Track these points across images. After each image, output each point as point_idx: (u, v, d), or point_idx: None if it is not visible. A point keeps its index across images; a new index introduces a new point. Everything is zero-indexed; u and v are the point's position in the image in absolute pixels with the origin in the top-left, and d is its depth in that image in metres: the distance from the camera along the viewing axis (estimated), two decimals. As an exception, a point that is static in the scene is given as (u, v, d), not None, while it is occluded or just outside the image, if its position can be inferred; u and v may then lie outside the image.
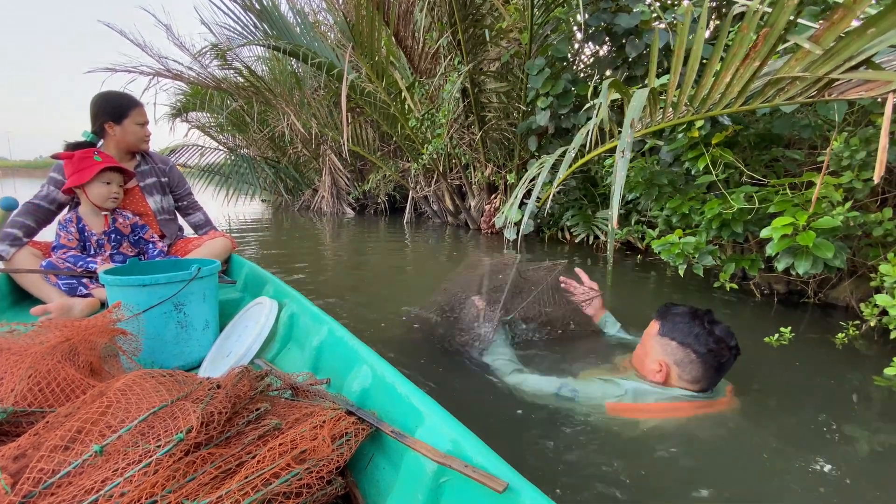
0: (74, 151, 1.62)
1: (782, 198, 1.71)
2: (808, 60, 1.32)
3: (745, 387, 1.23)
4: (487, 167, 4.30)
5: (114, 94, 1.82)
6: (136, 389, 0.72)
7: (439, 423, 0.71)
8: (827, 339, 1.67)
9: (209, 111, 6.72)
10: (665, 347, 1.11)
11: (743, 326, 1.85)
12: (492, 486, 0.58)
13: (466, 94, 3.87)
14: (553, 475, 0.87)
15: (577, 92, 3.18)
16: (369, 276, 2.74)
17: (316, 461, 0.69)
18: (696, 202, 2.12)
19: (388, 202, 6.99)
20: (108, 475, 0.58)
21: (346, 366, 0.99)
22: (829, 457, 0.97)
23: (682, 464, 0.92)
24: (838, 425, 1.10)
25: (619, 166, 1.33)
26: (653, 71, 1.70)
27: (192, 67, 5.00)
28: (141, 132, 1.82)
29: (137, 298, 1.19)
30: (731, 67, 1.51)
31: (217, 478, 0.63)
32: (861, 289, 2.05)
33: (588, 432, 1.01)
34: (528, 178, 2.46)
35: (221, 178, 7.43)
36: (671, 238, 1.96)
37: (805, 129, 1.90)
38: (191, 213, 2.10)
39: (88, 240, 1.68)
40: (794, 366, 1.46)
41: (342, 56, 4.40)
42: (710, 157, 1.96)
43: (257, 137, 7.39)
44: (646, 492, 0.83)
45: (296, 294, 1.38)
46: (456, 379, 1.30)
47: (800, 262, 1.58)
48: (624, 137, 1.41)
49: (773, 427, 1.08)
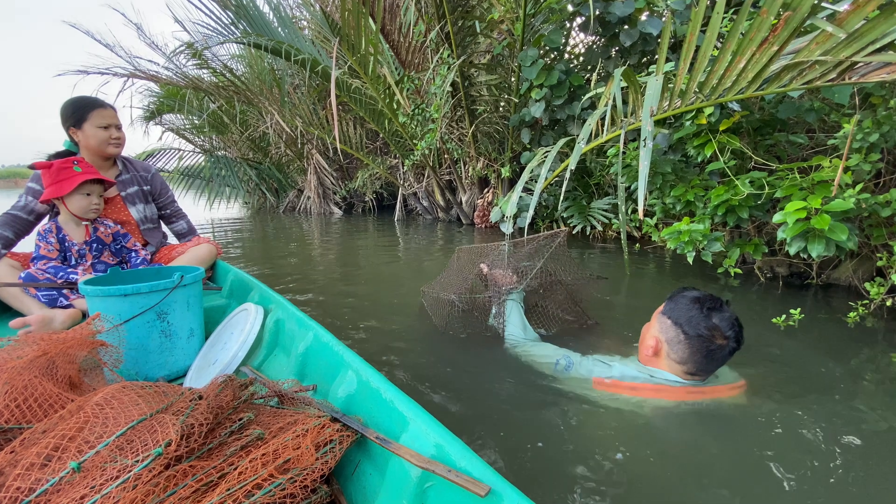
0: (52, 161, 1.61)
1: (791, 182, 1.75)
2: (829, 44, 1.35)
3: (752, 369, 1.29)
4: (479, 161, 4.30)
5: (76, 98, 1.78)
6: (115, 403, 0.73)
7: (423, 427, 0.72)
8: (832, 319, 1.74)
9: (187, 113, 6.64)
10: (662, 325, 1.17)
11: (752, 310, 1.92)
12: (474, 490, 0.59)
13: (456, 87, 3.87)
14: (536, 475, 0.89)
15: (571, 82, 3.19)
16: (368, 276, 2.74)
17: (300, 470, 0.70)
18: (699, 189, 2.16)
19: (376, 200, 6.99)
20: (86, 492, 0.58)
21: (332, 372, 1.00)
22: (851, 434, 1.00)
23: (669, 459, 0.94)
24: (852, 404, 1.15)
25: (643, 155, 1.39)
26: (662, 58, 1.71)
27: (169, 67, 4.94)
28: (104, 135, 1.75)
29: (119, 308, 1.20)
30: (747, 52, 1.52)
31: (198, 491, 0.64)
32: (862, 269, 2.12)
33: (573, 430, 1.03)
34: (531, 169, 2.48)
35: (202, 182, 7.38)
36: (680, 226, 2.00)
37: (808, 113, 1.93)
38: (174, 221, 2.09)
39: (69, 250, 1.67)
40: (805, 346, 1.52)
41: (324, 52, 4.39)
42: (718, 143, 1.98)
43: (237, 139, 7.35)
44: (630, 492, 0.84)
45: (281, 300, 1.38)
46: (445, 379, 1.32)
47: (813, 246, 1.60)
48: (644, 126, 1.45)
49: (781, 413, 1.11)
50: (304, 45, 4.21)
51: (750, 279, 2.35)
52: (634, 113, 2.07)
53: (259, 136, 6.99)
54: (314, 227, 5.34)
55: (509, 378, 1.28)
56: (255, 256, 3.52)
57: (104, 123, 1.75)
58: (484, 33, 3.67)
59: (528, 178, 2.44)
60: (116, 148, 1.81)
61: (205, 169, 7.28)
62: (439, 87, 3.70)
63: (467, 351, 1.48)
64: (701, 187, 2.17)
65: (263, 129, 6.33)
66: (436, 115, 3.89)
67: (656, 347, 1.17)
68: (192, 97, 5.17)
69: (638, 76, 2.05)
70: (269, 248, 3.86)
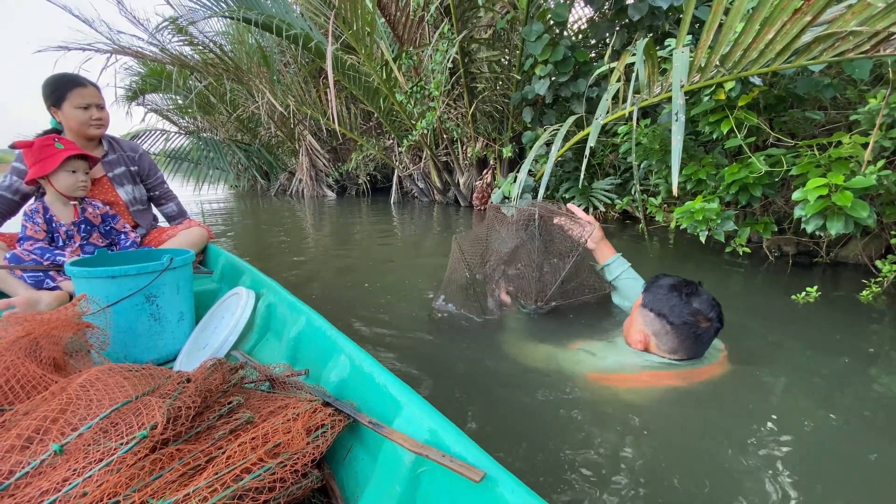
0: (33, 140, 1.58)
1: (809, 159, 1.74)
2: (866, 14, 1.32)
3: (756, 347, 1.31)
4: (478, 141, 4.25)
5: (55, 76, 1.73)
6: (99, 385, 0.72)
7: (417, 412, 0.72)
8: (844, 297, 1.78)
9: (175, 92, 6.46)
10: (645, 318, 1.17)
11: (763, 288, 1.95)
12: (469, 475, 0.59)
13: (456, 64, 3.80)
14: (532, 462, 0.89)
15: (576, 59, 3.13)
16: (364, 259, 2.73)
17: (290, 454, 0.69)
18: (710, 168, 2.15)
19: (369, 182, 6.94)
20: (69, 475, 0.58)
21: (324, 356, 0.99)
22: (844, 414, 1.01)
23: (666, 442, 0.94)
24: (866, 381, 1.18)
25: (675, 130, 1.38)
26: (684, 29, 1.67)
27: (154, 43, 4.80)
28: (83, 116, 1.69)
29: (106, 290, 1.18)
30: (777, 23, 1.48)
31: (185, 475, 0.64)
32: (870, 246, 2.15)
33: (568, 417, 1.03)
34: (539, 147, 2.46)
35: (190, 164, 7.30)
36: (693, 205, 1.99)
37: (827, 88, 1.90)
38: (164, 203, 2.07)
39: (57, 230, 1.66)
40: (820, 323, 1.55)
41: (315, 27, 4.29)
42: (735, 120, 1.95)
43: (225, 119, 7.24)
44: (626, 475, 0.85)
45: (273, 284, 1.37)
46: (441, 365, 1.32)
47: (832, 223, 1.60)
48: (675, 99, 1.43)
49: (774, 388, 1.12)
50: (296, 20, 4.11)
51: (756, 258, 2.37)
52: (649, 88, 2.03)
53: (248, 116, 6.88)
54: (307, 210, 5.31)
55: (506, 366, 1.28)
56: (247, 240, 3.51)
57: (84, 103, 1.69)
58: (486, 6, 3.58)
59: (534, 157, 2.42)
60: (98, 129, 1.76)
61: (192, 151, 7.18)
62: (439, 63, 3.62)
63: (463, 337, 1.47)
64: (712, 165, 2.16)
65: (253, 108, 6.22)
66: (436, 93, 3.83)
67: (644, 342, 1.18)
68: (177, 76, 5.04)
69: (669, 49, 2.03)
70: (261, 232, 3.84)
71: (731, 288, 1.97)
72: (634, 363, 1.16)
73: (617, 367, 1.17)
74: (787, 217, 2.32)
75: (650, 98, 2.07)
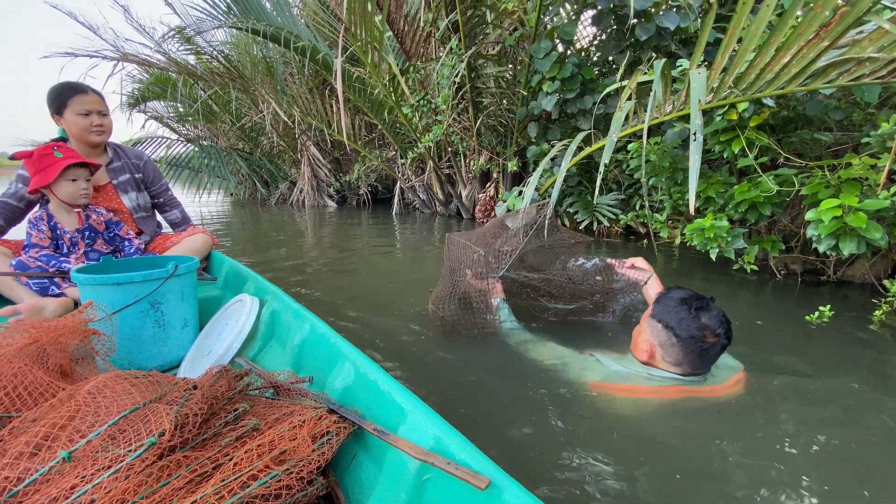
0: (32, 150, 1.60)
1: (819, 179, 1.78)
2: (882, 41, 1.36)
3: (766, 365, 1.30)
4: (482, 155, 4.29)
5: (59, 84, 1.75)
6: (107, 392, 0.73)
7: (422, 419, 0.72)
8: (854, 316, 1.78)
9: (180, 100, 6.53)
10: (653, 329, 1.18)
11: (773, 305, 1.96)
12: (474, 483, 0.59)
13: (463, 78, 3.86)
14: (537, 469, 0.89)
15: (583, 76, 3.19)
16: (366, 269, 2.74)
17: (296, 462, 0.70)
18: (719, 186, 2.19)
19: (370, 193, 6.99)
20: (77, 482, 0.58)
21: (329, 363, 1.00)
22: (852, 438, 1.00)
23: (669, 454, 0.94)
24: (872, 401, 1.17)
25: (693, 149, 1.42)
26: (699, 50, 1.72)
27: (161, 52, 4.87)
28: (84, 123, 1.71)
29: (112, 297, 1.20)
30: (794, 47, 1.52)
31: (192, 482, 0.64)
32: (877, 265, 2.18)
33: (572, 425, 1.04)
34: (546, 162, 2.50)
35: (191, 172, 7.35)
36: (704, 223, 2.03)
37: (835, 111, 1.94)
38: (168, 210, 2.09)
39: (61, 238, 1.67)
40: (827, 342, 1.55)
41: (321, 39, 4.36)
42: (746, 140, 1.99)
43: (227, 128, 7.30)
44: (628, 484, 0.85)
45: (277, 291, 1.38)
46: (445, 372, 1.32)
47: (845, 244, 1.63)
48: (694, 119, 1.47)
49: (780, 407, 1.11)
50: (303, 32, 4.19)
51: (762, 276, 2.37)
52: (661, 106, 2.07)
53: (250, 125, 6.95)
54: (308, 220, 5.33)
55: (510, 374, 1.28)
56: (249, 248, 3.53)
57: (84, 110, 1.71)
58: (495, 23, 3.65)
59: (540, 172, 2.45)
60: (99, 136, 1.77)
61: (194, 158, 7.24)
62: (447, 77, 3.67)
63: (468, 345, 1.48)
64: (721, 183, 2.20)
65: (257, 118, 6.28)
66: (443, 107, 3.87)
67: (650, 351, 1.19)
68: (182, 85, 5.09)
69: (682, 69, 2.07)
70: (263, 240, 3.86)
71: (741, 305, 1.97)
72: (639, 375, 1.17)
73: (621, 378, 1.17)
74: (794, 235, 2.34)
75: (661, 116, 2.11)
